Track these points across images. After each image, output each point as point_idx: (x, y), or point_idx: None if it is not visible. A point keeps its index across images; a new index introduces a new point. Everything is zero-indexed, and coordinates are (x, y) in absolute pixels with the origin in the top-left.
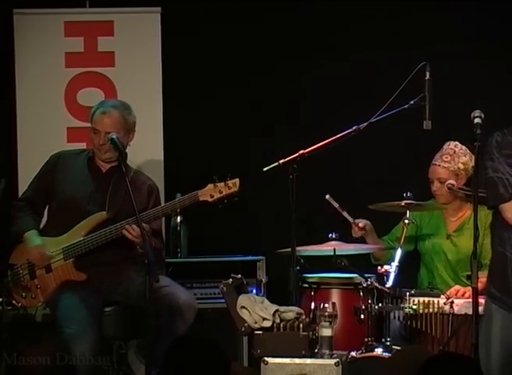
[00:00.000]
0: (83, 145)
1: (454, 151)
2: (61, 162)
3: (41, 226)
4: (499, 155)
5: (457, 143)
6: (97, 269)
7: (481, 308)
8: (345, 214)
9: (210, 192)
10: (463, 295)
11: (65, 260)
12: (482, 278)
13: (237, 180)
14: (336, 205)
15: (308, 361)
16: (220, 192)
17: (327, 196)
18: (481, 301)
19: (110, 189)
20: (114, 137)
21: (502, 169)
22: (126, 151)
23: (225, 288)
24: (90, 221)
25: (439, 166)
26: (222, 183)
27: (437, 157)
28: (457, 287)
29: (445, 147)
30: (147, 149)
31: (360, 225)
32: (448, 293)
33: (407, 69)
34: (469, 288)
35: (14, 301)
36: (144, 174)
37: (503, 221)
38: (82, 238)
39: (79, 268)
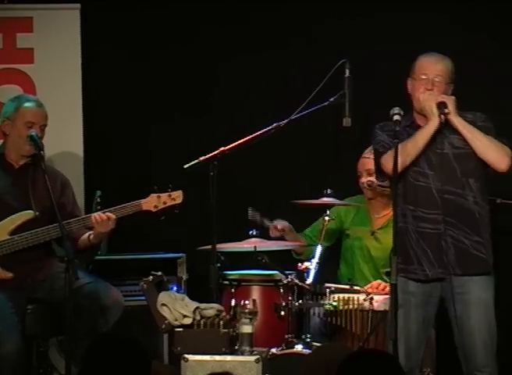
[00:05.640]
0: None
1: None
2: None
3: None
4: (382, 131)
5: None
6: (21, 265)
7: None
8: (265, 222)
9: (154, 203)
10: (383, 290)
11: None
12: None
13: (181, 192)
14: (258, 218)
15: (229, 358)
16: (164, 203)
17: (249, 212)
18: None
19: (30, 186)
20: (33, 134)
21: (382, 139)
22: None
23: (145, 286)
24: (17, 219)
25: (369, 158)
26: (166, 195)
27: (366, 151)
28: (379, 281)
29: None
30: (66, 146)
31: (279, 227)
32: (369, 286)
33: (329, 66)
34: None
35: None
36: (54, 168)
37: (401, 193)
38: (10, 237)
39: (4, 266)
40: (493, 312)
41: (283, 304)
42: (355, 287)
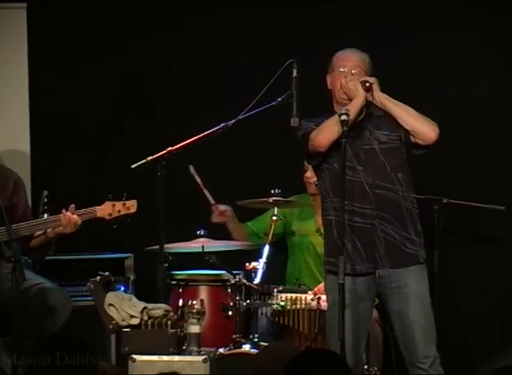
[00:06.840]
0: None
1: None
2: None
3: None
4: (307, 122)
5: None
6: None
7: None
8: (206, 192)
9: (108, 210)
10: None
11: None
12: None
13: (135, 202)
14: (199, 180)
15: (176, 358)
16: (118, 212)
17: (191, 168)
18: None
19: None
20: None
21: (309, 126)
22: None
23: (92, 286)
24: None
25: None
26: (121, 203)
27: None
28: None
29: None
30: (13, 146)
31: (221, 208)
32: (316, 289)
33: (277, 65)
34: None
35: None
36: (8, 168)
37: (333, 187)
38: None
39: None
40: (429, 302)
41: (231, 304)
42: (303, 287)
